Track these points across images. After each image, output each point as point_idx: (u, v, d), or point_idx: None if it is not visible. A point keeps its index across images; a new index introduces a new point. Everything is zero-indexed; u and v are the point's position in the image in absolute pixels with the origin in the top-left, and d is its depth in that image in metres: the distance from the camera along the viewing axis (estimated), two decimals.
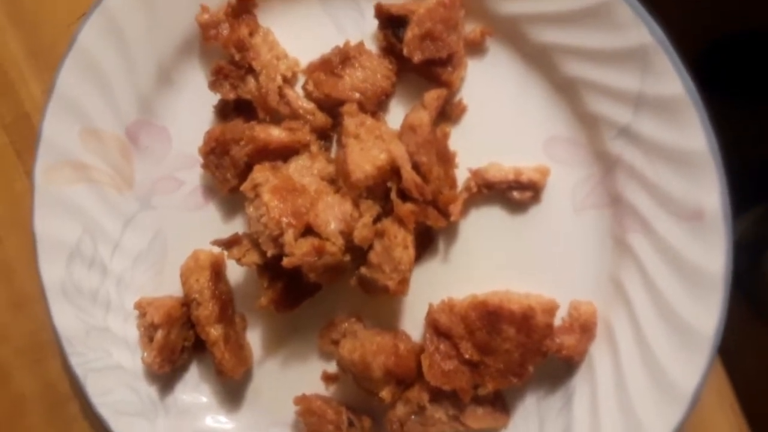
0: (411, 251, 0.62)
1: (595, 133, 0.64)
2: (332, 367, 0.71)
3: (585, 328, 0.64)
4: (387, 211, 0.64)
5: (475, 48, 0.66)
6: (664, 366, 0.60)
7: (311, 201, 0.63)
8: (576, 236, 0.66)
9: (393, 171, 0.62)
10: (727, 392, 0.68)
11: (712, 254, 0.58)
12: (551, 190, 0.66)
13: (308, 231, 0.62)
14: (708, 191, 0.58)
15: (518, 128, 0.66)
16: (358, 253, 0.63)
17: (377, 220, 0.63)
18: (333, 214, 0.62)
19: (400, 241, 0.62)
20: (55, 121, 0.70)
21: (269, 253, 0.62)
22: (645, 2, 0.59)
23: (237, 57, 0.65)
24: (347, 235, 0.62)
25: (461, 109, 0.67)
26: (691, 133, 0.58)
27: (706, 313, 0.59)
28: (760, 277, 1.17)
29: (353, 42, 0.66)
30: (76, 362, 0.72)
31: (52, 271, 0.72)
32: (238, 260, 0.66)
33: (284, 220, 0.61)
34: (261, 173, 0.64)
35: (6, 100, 0.77)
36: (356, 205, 0.63)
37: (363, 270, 0.63)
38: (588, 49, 0.61)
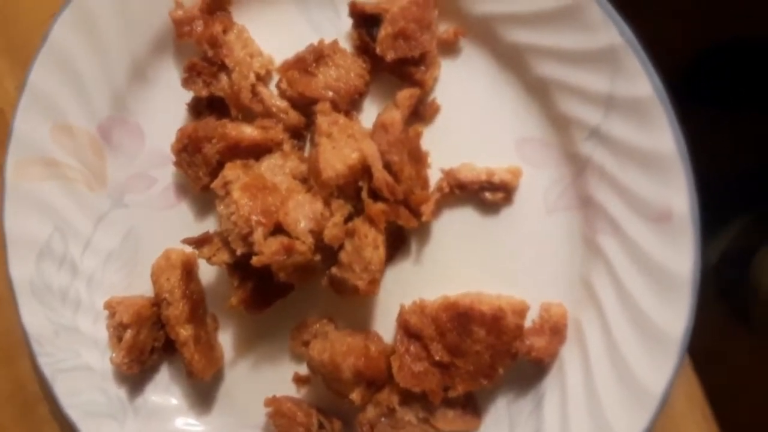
0: (381, 251, 0.62)
1: (567, 134, 0.64)
2: (304, 369, 0.71)
3: (555, 329, 0.64)
4: (358, 210, 0.63)
5: (449, 48, 0.66)
6: (633, 368, 0.60)
7: (282, 199, 0.62)
8: (547, 238, 0.66)
9: (364, 170, 0.62)
10: (698, 398, 0.68)
11: (680, 256, 0.58)
12: (523, 192, 0.66)
13: (278, 230, 0.61)
14: (676, 192, 0.58)
15: (491, 129, 0.66)
16: (329, 253, 0.63)
17: (348, 219, 0.63)
18: (303, 212, 0.61)
19: (371, 240, 0.61)
20: (26, 116, 0.69)
21: (239, 252, 0.62)
22: (623, 9, 0.59)
23: (210, 54, 0.65)
24: (317, 234, 0.61)
25: (434, 110, 0.67)
26: (660, 135, 0.58)
27: (674, 315, 0.59)
28: (746, 289, 1.16)
29: (327, 40, 0.66)
30: (44, 362, 0.71)
31: (21, 269, 0.71)
32: (209, 259, 0.65)
33: (254, 218, 0.60)
34: (232, 171, 0.63)
35: None
36: (327, 204, 0.62)
37: (334, 270, 0.63)
38: (559, 49, 0.61)
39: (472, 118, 0.66)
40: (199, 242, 0.66)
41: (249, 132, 0.65)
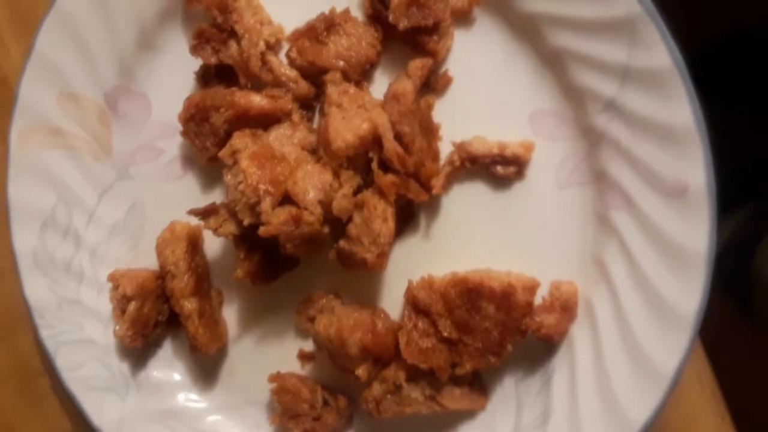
0: (391, 224, 0.61)
1: (581, 106, 0.63)
2: (309, 346, 0.70)
3: (565, 307, 0.63)
4: (368, 183, 0.63)
5: (462, 17, 0.65)
6: (645, 347, 0.59)
7: (290, 169, 0.61)
8: (559, 213, 0.65)
9: (375, 141, 0.61)
10: (708, 379, 0.67)
11: (695, 232, 0.57)
12: (535, 166, 0.65)
13: (286, 200, 0.61)
14: (693, 166, 0.57)
15: (504, 101, 0.65)
16: (337, 226, 0.62)
17: (357, 192, 0.62)
18: (312, 183, 0.61)
19: (380, 213, 0.60)
20: (32, 83, 0.68)
21: (246, 222, 0.61)
22: None
23: (219, 19, 0.64)
24: (326, 205, 0.60)
25: (446, 81, 0.66)
26: (678, 107, 0.57)
27: (688, 292, 0.58)
28: (748, 279, 1.15)
29: (339, 9, 0.65)
30: (46, 335, 0.70)
31: (24, 240, 0.70)
32: (215, 230, 0.64)
33: (262, 187, 0.60)
34: (240, 139, 0.63)
35: None
36: (336, 175, 0.61)
37: (341, 243, 0.62)
38: (575, 18, 0.60)
39: (484, 90, 0.65)
40: (206, 213, 0.65)
41: (258, 100, 0.64)
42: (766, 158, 1.22)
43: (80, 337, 0.71)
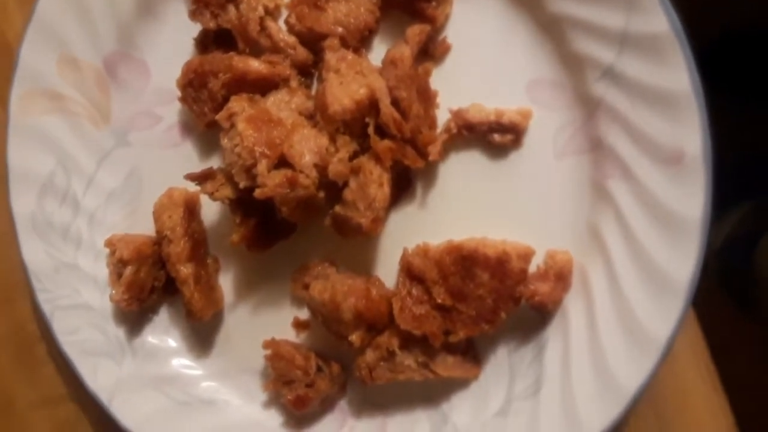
0: (386, 189, 0.61)
1: (579, 74, 0.63)
2: (304, 314, 0.70)
3: (560, 276, 0.63)
4: (364, 150, 0.62)
5: None
6: (638, 314, 0.59)
7: (287, 133, 0.61)
8: (556, 182, 0.65)
9: (372, 106, 0.61)
10: (701, 351, 0.67)
11: (690, 199, 0.57)
12: (532, 135, 0.65)
13: (282, 163, 0.60)
14: (689, 133, 0.57)
15: (501, 69, 0.65)
16: (333, 193, 0.62)
17: (354, 158, 0.62)
18: (308, 146, 0.61)
19: (376, 178, 0.61)
20: (32, 47, 0.69)
21: (242, 185, 0.61)
22: None
23: None
24: (322, 169, 0.60)
25: (444, 48, 0.66)
26: (675, 73, 0.57)
27: (682, 260, 0.58)
28: (748, 275, 1.14)
29: None
30: (43, 299, 0.70)
31: (23, 204, 0.70)
32: (211, 194, 0.64)
33: (258, 149, 0.60)
34: (237, 103, 0.63)
35: None
36: (333, 140, 0.61)
37: (337, 208, 0.62)
38: None
39: (482, 57, 0.65)
40: (202, 177, 0.65)
41: (256, 65, 0.64)
42: (765, 155, 1.21)
43: (77, 301, 0.71)
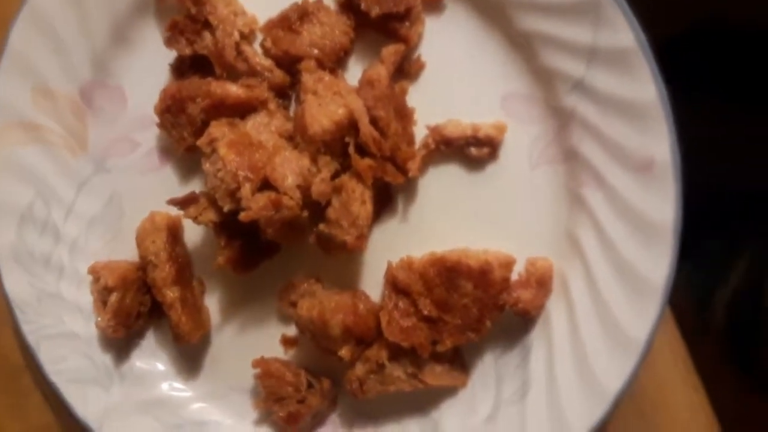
0: (369, 206, 0.62)
1: (551, 87, 0.65)
2: (291, 331, 0.71)
3: (541, 282, 0.65)
4: (345, 168, 0.64)
5: (432, 4, 0.66)
6: (617, 316, 0.61)
7: (268, 156, 0.62)
8: (532, 192, 0.67)
9: (351, 126, 0.62)
10: (680, 351, 0.69)
11: (662, 204, 0.59)
12: (508, 147, 0.67)
13: (265, 185, 0.61)
14: (658, 141, 0.59)
15: (475, 85, 0.67)
16: (316, 212, 0.63)
17: (335, 177, 0.63)
18: (290, 168, 0.61)
19: (358, 196, 0.62)
20: (6, 79, 0.68)
21: (226, 209, 0.62)
22: None
23: (193, 11, 0.65)
24: (305, 189, 0.61)
25: (419, 66, 0.67)
26: (642, 84, 0.59)
27: (656, 263, 0.60)
28: (753, 330, 0.98)
29: None
30: (28, 330, 0.70)
31: (3, 236, 0.70)
32: (195, 219, 0.65)
33: (241, 173, 0.60)
34: (218, 128, 0.63)
35: None
36: (314, 160, 0.62)
37: (321, 227, 0.63)
38: (542, 1, 0.62)
39: (456, 74, 0.67)
40: (185, 202, 0.65)
41: (234, 90, 0.64)
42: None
43: (62, 330, 0.71)
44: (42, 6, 0.67)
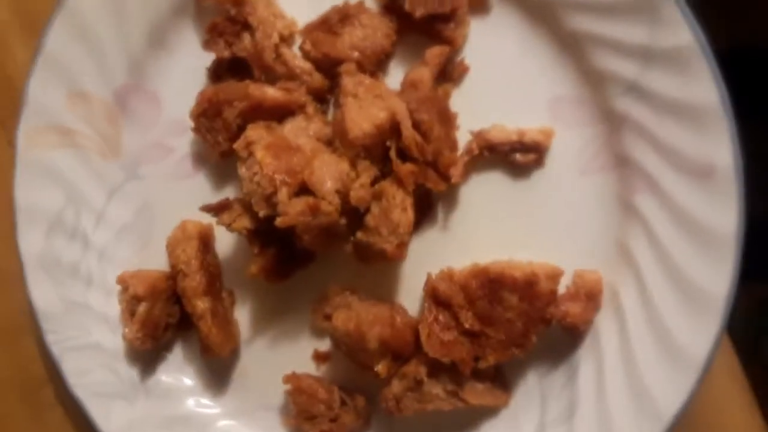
0: (410, 214, 0.60)
1: (602, 90, 0.63)
2: (323, 346, 0.68)
3: (590, 296, 0.62)
4: (385, 174, 0.62)
5: (478, 5, 0.65)
6: (674, 333, 0.58)
7: (306, 160, 0.60)
8: (581, 201, 0.64)
9: (392, 130, 0.60)
10: (738, 374, 0.66)
11: (723, 212, 0.57)
12: (555, 153, 0.65)
13: (303, 190, 0.59)
14: (719, 146, 0.57)
15: (522, 88, 0.65)
16: (353, 219, 0.61)
17: (375, 182, 0.61)
18: (329, 173, 0.60)
19: (399, 202, 0.59)
20: (41, 82, 0.67)
21: (261, 214, 0.60)
22: None
23: (233, 12, 0.64)
24: (344, 195, 0.59)
25: (463, 69, 0.65)
26: (702, 86, 0.57)
27: (717, 275, 0.57)
28: None
29: (353, 0, 0.65)
30: (52, 340, 0.68)
31: (31, 242, 0.68)
32: (229, 225, 0.63)
33: (278, 177, 0.59)
34: (255, 131, 0.62)
35: None
36: (353, 165, 0.61)
37: (359, 234, 0.61)
38: (594, 1, 0.60)
39: (502, 77, 0.65)
40: (219, 208, 0.64)
41: (272, 93, 0.63)
42: None
43: (87, 342, 0.69)
44: (79, 9, 0.66)
